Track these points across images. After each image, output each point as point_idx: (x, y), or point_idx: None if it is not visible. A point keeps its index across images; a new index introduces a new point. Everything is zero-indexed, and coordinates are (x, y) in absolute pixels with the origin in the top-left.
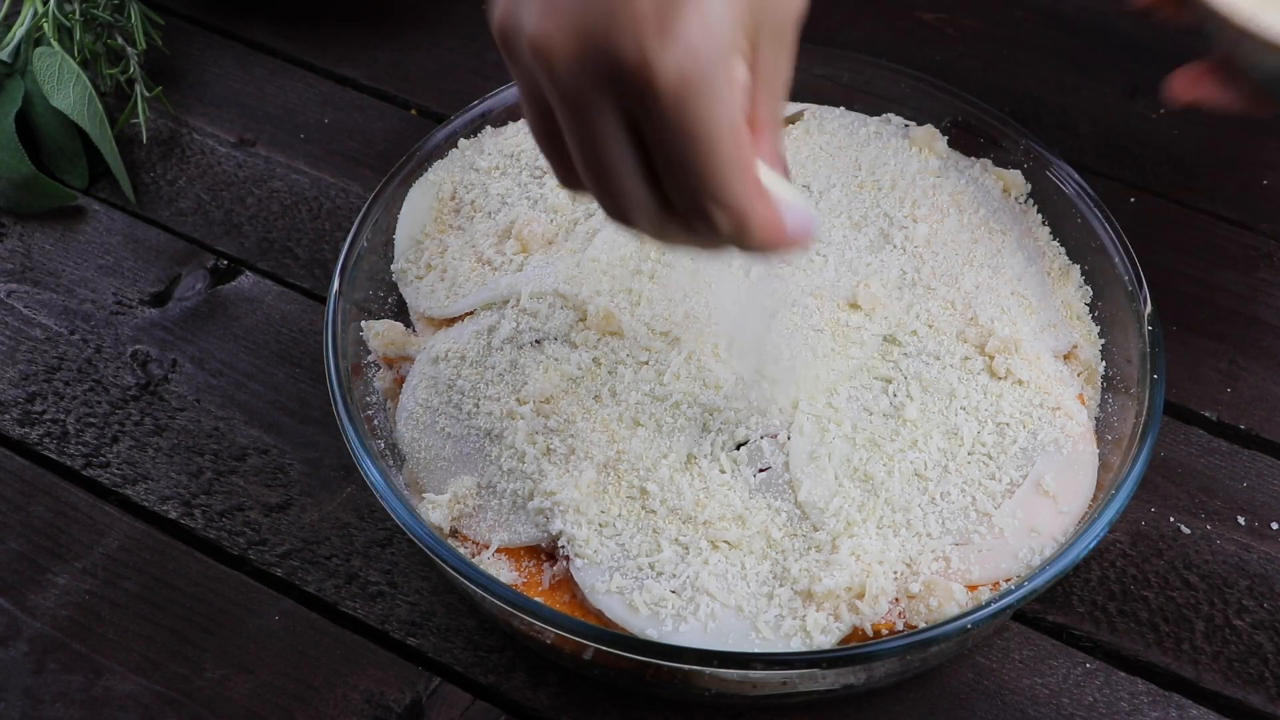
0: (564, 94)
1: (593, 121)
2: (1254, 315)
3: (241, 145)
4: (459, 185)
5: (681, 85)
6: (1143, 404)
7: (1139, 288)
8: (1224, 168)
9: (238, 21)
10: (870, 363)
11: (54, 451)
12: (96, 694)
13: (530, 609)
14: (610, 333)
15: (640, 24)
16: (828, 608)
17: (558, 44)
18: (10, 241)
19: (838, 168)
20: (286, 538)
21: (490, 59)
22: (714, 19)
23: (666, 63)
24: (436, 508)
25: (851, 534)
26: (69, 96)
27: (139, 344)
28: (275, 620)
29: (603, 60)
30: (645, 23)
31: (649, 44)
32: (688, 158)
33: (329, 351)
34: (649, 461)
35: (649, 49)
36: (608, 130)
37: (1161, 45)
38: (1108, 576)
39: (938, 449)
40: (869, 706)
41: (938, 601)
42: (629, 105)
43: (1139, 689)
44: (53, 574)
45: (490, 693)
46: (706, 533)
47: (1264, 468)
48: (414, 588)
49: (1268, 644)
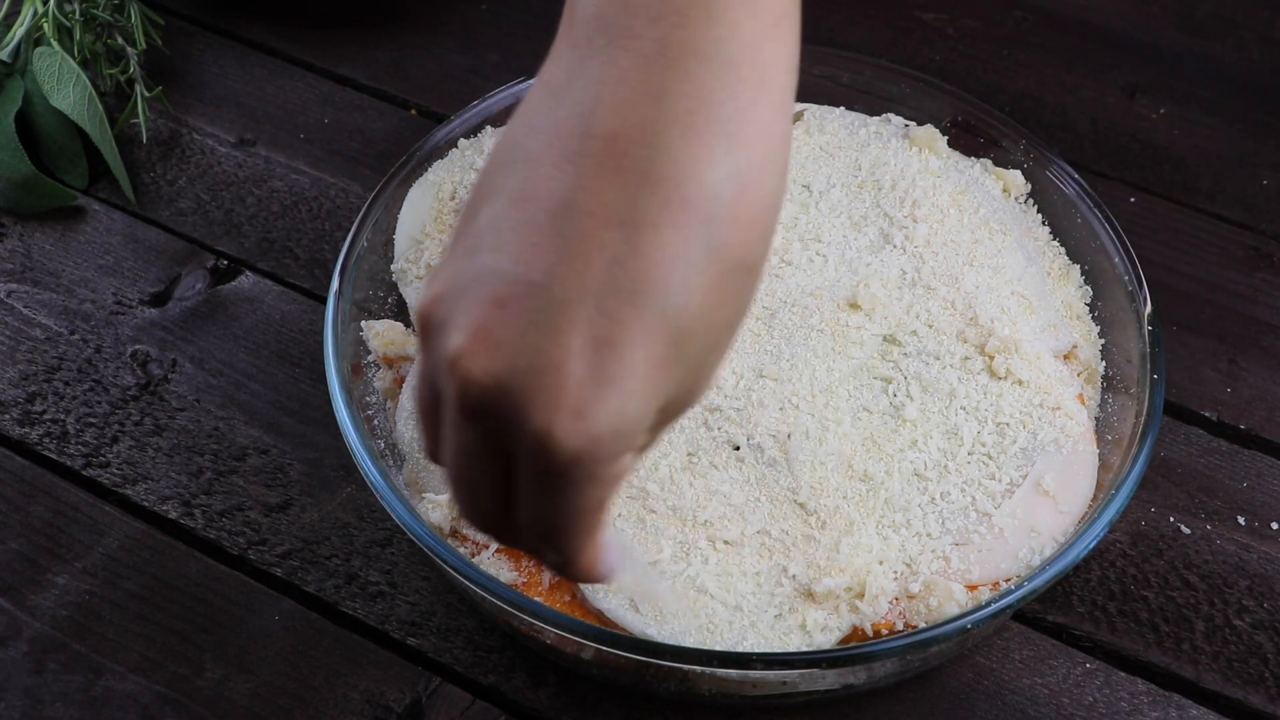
0: (461, 412)
1: (477, 444)
2: (1254, 315)
3: (241, 145)
4: (459, 185)
5: (572, 465)
6: (1143, 404)
7: (1139, 288)
8: (1224, 168)
9: (238, 21)
10: (870, 363)
11: (54, 451)
12: (96, 694)
13: (530, 609)
14: None
15: (558, 398)
16: (828, 607)
17: (476, 375)
18: (10, 241)
19: (838, 168)
20: (286, 538)
21: (490, 59)
22: (629, 418)
23: (567, 442)
24: (436, 508)
25: (851, 534)
26: (69, 96)
27: (139, 344)
28: (275, 620)
29: (512, 410)
30: (563, 398)
31: (559, 420)
32: (549, 513)
33: (329, 351)
34: (649, 461)
35: (557, 424)
36: (486, 457)
37: (1161, 45)
38: (1108, 576)
39: (938, 449)
40: (869, 706)
41: (938, 601)
42: (517, 450)
43: (1139, 689)
44: (53, 574)
45: (490, 693)
46: (706, 532)
47: (1264, 468)
48: (414, 588)
49: (1268, 644)
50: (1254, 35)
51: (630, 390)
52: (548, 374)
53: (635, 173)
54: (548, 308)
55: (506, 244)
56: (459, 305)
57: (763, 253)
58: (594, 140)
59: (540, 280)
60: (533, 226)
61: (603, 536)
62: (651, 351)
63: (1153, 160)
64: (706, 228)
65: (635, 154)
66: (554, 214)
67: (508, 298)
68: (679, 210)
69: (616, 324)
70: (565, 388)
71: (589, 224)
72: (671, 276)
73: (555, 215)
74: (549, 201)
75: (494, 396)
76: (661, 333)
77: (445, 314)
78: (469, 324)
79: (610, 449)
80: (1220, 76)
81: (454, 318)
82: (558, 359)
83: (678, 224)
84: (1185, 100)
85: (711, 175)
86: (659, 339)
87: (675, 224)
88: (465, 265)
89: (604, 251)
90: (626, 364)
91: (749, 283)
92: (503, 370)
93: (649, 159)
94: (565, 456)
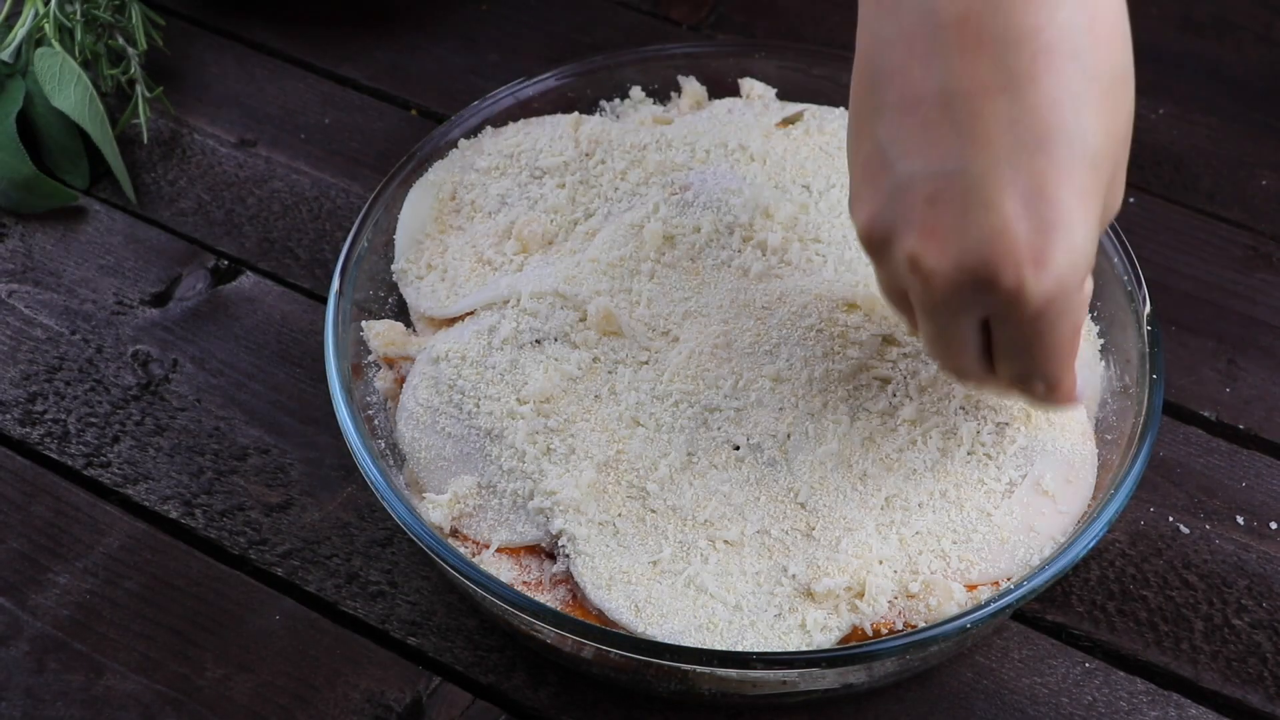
0: (933, 301)
1: (954, 321)
2: (1254, 315)
3: (242, 145)
4: (459, 185)
5: (1047, 306)
6: (1142, 404)
7: (1138, 288)
8: (1224, 168)
9: (238, 21)
10: (869, 362)
11: (55, 451)
12: (97, 693)
13: (530, 609)
14: (610, 333)
15: (1018, 254)
16: (827, 607)
17: (937, 265)
18: (11, 241)
19: (838, 168)
20: (287, 537)
21: (490, 59)
22: (1079, 248)
23: (1038, 288)
24: (437, 507)
25: (851, 533)
26: (70, 97)
27: (140, 344)
28: (275, 620)
29: (980, 284)
30: (1022, 253)
31: (1025, 273)
32: (1032, 353)
33: (329, 351)
34: (649, 461)
35: (1025, 277)
36: (964, 327)
37: (1161, 45)
38: (1107, 576)
39: (937, 448)
40: (869, 706)
41: (937, 601)
42: (991, 313)
43: (1138, 688)
44: (53, 573)
45: (490, 693)
46: (706, 532)
47: (1263, 467)
48: (414, 587)
49: (1266, 643)
50: (1254, 35)
51: (1074, 225)
52: (1001, 242)
53: (995, 42)
54: (974, 187)
55: (912, 149)
56: (895, 217)
57: (1129, 58)
58: (946, 30)
59: (956, 167)
60: (928, 124)
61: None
62: (1076, 185)
63: (1153, 160)
64: (1076, 61)
65: (987, 25)
66: (942, 106)
67: (935, 193)
68: (1050, 57)
69: (1037, 175)
70: (1019, 246)
71: (976, 103)
72: (1066, 116)
73: (943, 107)
74: (932, 97)
75: (959, 278)
76: (1078, 166)
77: (886, 228)
78: (913, 229)
79: (1075, 279)
80: (1220, 76)
81: (896, 229)
82: (1002, 225)
83: (1054, 69)
84: (1185, 100)
85: (1062, 15)
86: (1078, 172)
87: (1052, 69)
88: (883, 181)
89: (999, 119)
90: (1061, 204)
91: (1127, 88)
92: (959, 255)
93: (1002, 25)
94: (1041, 301)
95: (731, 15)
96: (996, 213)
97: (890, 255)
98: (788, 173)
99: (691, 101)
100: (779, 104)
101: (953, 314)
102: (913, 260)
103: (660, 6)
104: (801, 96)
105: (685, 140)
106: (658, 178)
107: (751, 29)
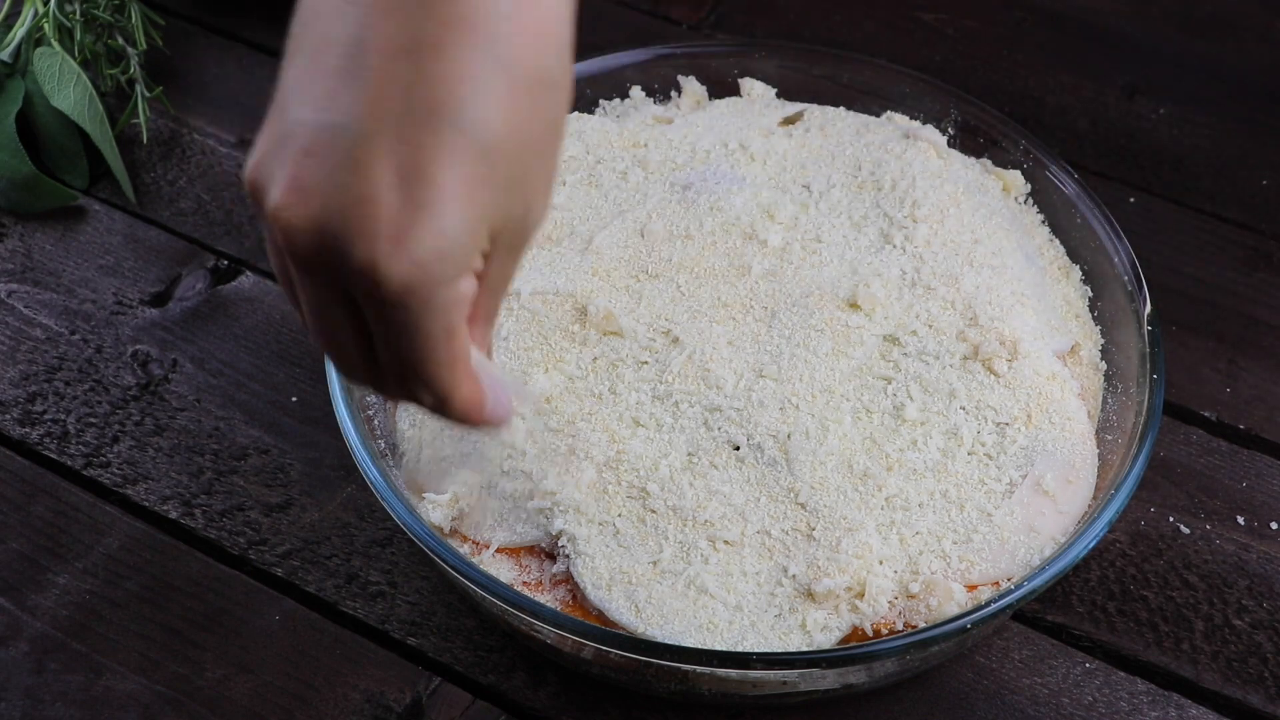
0: (296, 265)
1: (320, 294)
2: (1254, 315)
3: (242, 145)
4: None
5: (405, 294)
6: (1142, 404)
7: (1139, 288)
8: (1224, 168)
9: (238, 21)
10: (870, 363)
11: (54, 451)
12: (97, 694)
13: (530, 609)
14: (610, 333)
15: (375, 229)
16: (828, 607)
17: (296, 223)
18: (11, 241)
19: (838, 168)
20: (287, 538)
21: None
22: (449, 238)
23: (393, 271)
24: (436, 507)
25: (851, 534)
26: (69, 97)
27: (139, 344)
28: (275, 620)
29: (334, 254)
30: (380, 229)
31: (380, 250)
32: (402, 351)
33: None
34: (649, 461)
35: (379, 256)
36: (333, 305)
37: (1161, 45)
38: (1107, 576)
39: (937, 449)
40: (869, 706)
41: (937, 601)
42: (354, 294)
43: (1138, 689)
44: (53, 574)
45: (490, 693)
46: (706, 532)
47: (1263, 468)
48: (414, 588)
49: (1267, 644)
50: (1254, 35)
51: (446, 211)
52: (361, 208)
53: (411, 3)
54: (352, 146)
55: (308, 95)
56: (274, 163)
57: (559, 67)
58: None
59: (341, 122)
60: (328, 72)
61: (475, 372)
62: (461, 171)
63: (1153, 160)
64: (491, 44)
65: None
66: (346, 56)
67: (314, 145)
68: (460, 30)
69: (419, 149)
70: (380, 218)
71: (377, 59)
72: (464, 94)
73: (347, 57)
74: (339, 45)
75: (317, 241)
76: (466, 150)
77: (265, 176)
78: (283, 178)
79: (439, 271)
80: (1220, 76)
81: (272, 176)
82: (368, 193)
83: (461, 43)
84: (1185, 100)
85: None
86: (465, 157)
87: (459, 43)
88: (277, 126)
89: (395, 82)
90: (437, 186)
91: (553, 98)
92: (319, 213)
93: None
94: (395, 285)
95: (731, 15)
96: (367, 179)
97: (263, 210)
98: (788, 173)
99: (691, 101)
100: (779, 104)
101: (317, 284)
102: (275, 213)
103: (660, 6)
104: (801, 96)
105: (685, 140)
106: (658, 177)
107: (751, 29)
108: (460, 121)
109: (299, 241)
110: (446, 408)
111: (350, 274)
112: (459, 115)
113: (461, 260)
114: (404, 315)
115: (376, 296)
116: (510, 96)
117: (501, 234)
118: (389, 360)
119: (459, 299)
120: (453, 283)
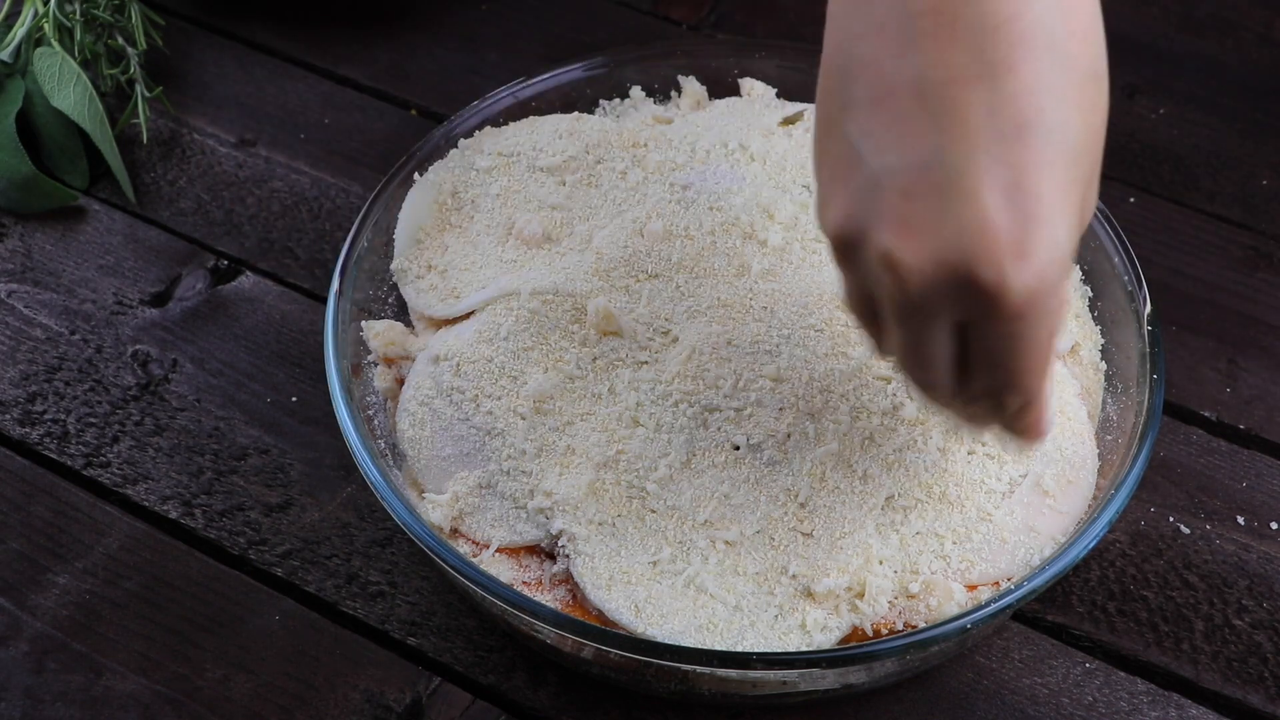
0: (908, 303)
1: (928, 326)
2: (1254, 315)
3: (242, 145)
4: (459, 185)
5: (1027, 304)
6: (1142, 404)
7: (1138, 288)
8: (1224, 168)
9: (238, 21)
10: (869, 362)
11: (54, 451)
12: (97, 694)
13: (530, 609)
14: (610, 332)
15: (999, 248)
16: (827, 607)
17: (913, 262)
18: (10, 241)
19: None
20: (287, 538)
21: (490, 59)
22: (1060, 243)
23: (1018, 284)
24: (436, 507)
25: (851, 533)
26: (69, 96)
27: (139, 344)
28: (275, 620)
29: (960, 279)
30: (1003, 246)
31: (1007, 266)
32: (1009, 360)
33: (329, 351)
34: (649, 461)
35: (1007, 271)
36: (939, 333)
37: (1161, 45)
38: (1107, 576)
39: (937, 449)
40: (869, 706)
41: (937, 601)
42: (968, 315)
43: (1139, 689)
44: (53, 574)
45: (490, 693)
46: (706, 532)
47: (1263, 468)
48: (414, 587)
49: (1267, 644)
50: (1254, 35)
51: (1054, 218)
52: (980, 234)
53: (970, 30)
54: (952, 178)
55: (886, 143)
56: (868, 215)
57: (1102, 59)
58: (920, 19)
59: (933, 159)
60: (902, 117)
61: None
62: (1057, 177)
63: (1153, 160)
64: (1052, 52)
65: (961, 13)
66: (916, 96)
67: (910, 186)
68: (1025, 46)
69: (1016, 166)
70: (1000, 238)
71: (951, 91)
72: (1044, 104)
73: (918, 97)
74: (905, 88)
75: (937, 276)
76: (1059, 158)
77: (858, 228)
78: (887, 225)
79: (1056, 276)
80: (1220, 76)
81: (869, 228)
82: (982, 217)
83: (1029, 58)
84: (1185, 100)
85: (1038, 6)
86: (1058, 164)
87: (1027, 59)
88: (855, 179)
89: (976, 109)
90: (1042, 197)
91: (1101, 87)
92: (937, 249)
93: (976, 13)
94: (1022, 296)
95: (731, 15)
96: (976, 204)
97: (861, 258)
98: (788, 173)
99: (691, 101)
100: (779, 104)
101: (927, 317)
102: (886, 258)
103: (660, 6)
104: (801, 96)
105: (685, 140)
106: (658, 177)
107: (751, 29)
108: (1049, 131)
109: (915, 280)
110: (1025, 417)
111: (973, 297)
112: (1047, 126)
113: (1068, 263)
114: (1022, 326)
115: (999, 313)
116: (1079, 96)
117: (1079, 227)
118: (984, 374)
119: (1062, 301)
120: (1061, 285)
